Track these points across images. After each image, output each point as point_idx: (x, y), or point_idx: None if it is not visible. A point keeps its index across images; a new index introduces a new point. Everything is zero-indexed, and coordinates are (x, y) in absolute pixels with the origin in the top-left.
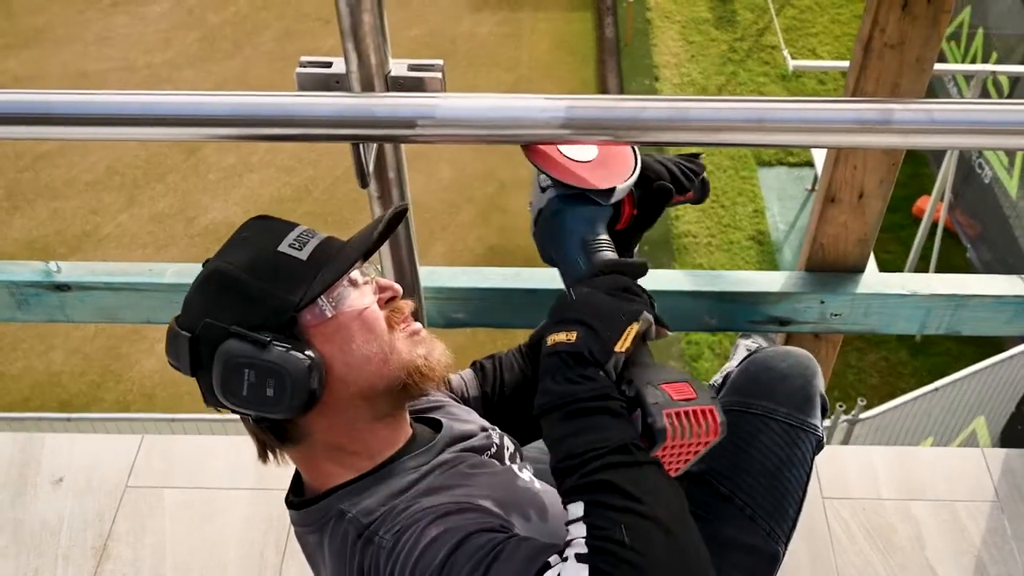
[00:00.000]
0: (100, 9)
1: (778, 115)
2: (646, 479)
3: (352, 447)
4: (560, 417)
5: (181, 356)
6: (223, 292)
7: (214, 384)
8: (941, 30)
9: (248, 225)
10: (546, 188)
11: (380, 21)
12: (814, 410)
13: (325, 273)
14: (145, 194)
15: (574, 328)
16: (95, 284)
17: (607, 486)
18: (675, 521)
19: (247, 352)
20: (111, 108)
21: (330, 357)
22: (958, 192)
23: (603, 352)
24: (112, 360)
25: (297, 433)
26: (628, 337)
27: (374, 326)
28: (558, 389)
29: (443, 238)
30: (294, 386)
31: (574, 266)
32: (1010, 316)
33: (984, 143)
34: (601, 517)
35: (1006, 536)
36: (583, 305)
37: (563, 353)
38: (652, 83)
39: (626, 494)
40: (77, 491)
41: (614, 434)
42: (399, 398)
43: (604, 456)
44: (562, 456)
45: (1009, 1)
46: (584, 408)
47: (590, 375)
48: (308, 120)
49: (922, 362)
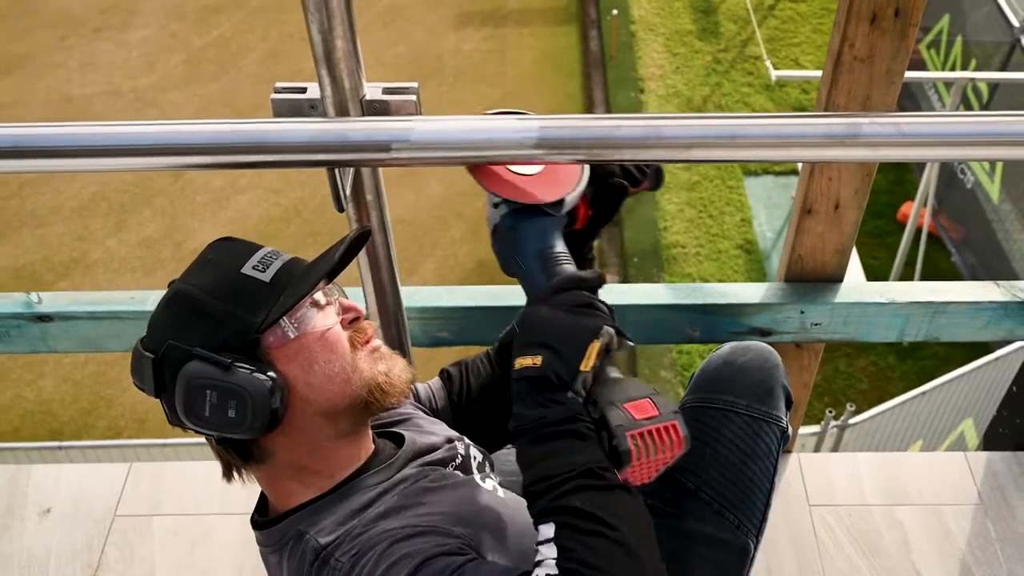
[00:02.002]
0: (82, 36)
1: (750, 131)
2: (614, 503)
3: (314, 466)
4: (530, 441)
5: (145, 377)
6: (186, 314)
7: (177, 405)
8: (909, 43)
9: (213, 247)
10: (498, 204)
11: (353, 46)
12: (776, 401)
13: (287, 295)
14: (132, 219)
15: (539, 352)
16: (77, 314)
17: (576, 511)
18: (641, 545)
19: (209, 374)
20: (86, 140)
21: (292, 378)
22: (941, 197)
23: (568, 373)
24: (103, 386)
25: (260, 453)
26: (591, 355)
27: (336, 346)
28: (528, 414)
29: (433, 255)
30: (255, 407)
31: (534, 280)
32: (986, 321)
33: (952, 155)
34: (571, 539)
35: (990, 539)
36: (545, 326)
37: (530, 378)
38: (637, 95)
39: (595, 518)
40: (65, 521)
41: (582, 457)
42: (361, 415)
43: (572, 479)
44: (533, 479)
45: (986, 9)
46: (552, 432)
47: (558, 399)
48: (283, 146)
49: (910, 366)
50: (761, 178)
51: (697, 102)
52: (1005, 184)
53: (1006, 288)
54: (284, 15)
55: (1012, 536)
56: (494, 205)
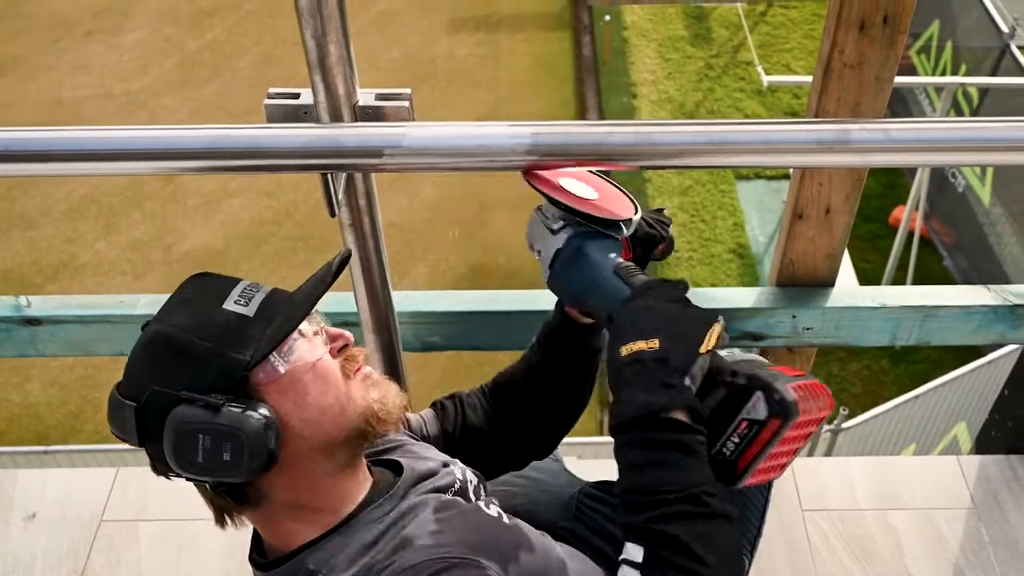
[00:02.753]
0: (75, 38)
1: (740, 137)
2: (714, 534)
3: (314, 503)
4: (636, 439)
5: (127, 427)
6: (168, 356)
7: (166, 453)
8: (898, 50)
9: (187, 285)
10: (559, 230)
11: (347, 52)
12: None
13: (275, 328)
14: (123, 222)
15: (654, 336)
16: (66, 318)
17: (673, 541)
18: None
19: (199, 417)
20: (83, 144)
21: (285, 413)
22: (933, 201)
23: (688, 356)
24: (90, 390)
25: (256, 495)
26: (711, 338)
27: (328, 377)
28: (638, 399)
29: (425, 259)
30: (252, 447)
31: (616, 292)
32: (977, 325)
33: (940, 160)
34: (659, 572)
35: (983, 542)
36: (656, 313)
37: (645, 360)
38: (630, 100)
39: (691, 554)
40: (51, 527)
41: (689, 476)
42: (357, 446)
43: (675, 503)
44: (630, 487)
45: (976, 14)
46: (661, 440)
47: (674, 383)
48: (277, 152)
49: (904, 370)
50: (753, 183)
51: (689, 107)
52: (996, 188)
53: (996, 292)
54: (278, 19)
55: (1005, 540)
56: (552, 232)
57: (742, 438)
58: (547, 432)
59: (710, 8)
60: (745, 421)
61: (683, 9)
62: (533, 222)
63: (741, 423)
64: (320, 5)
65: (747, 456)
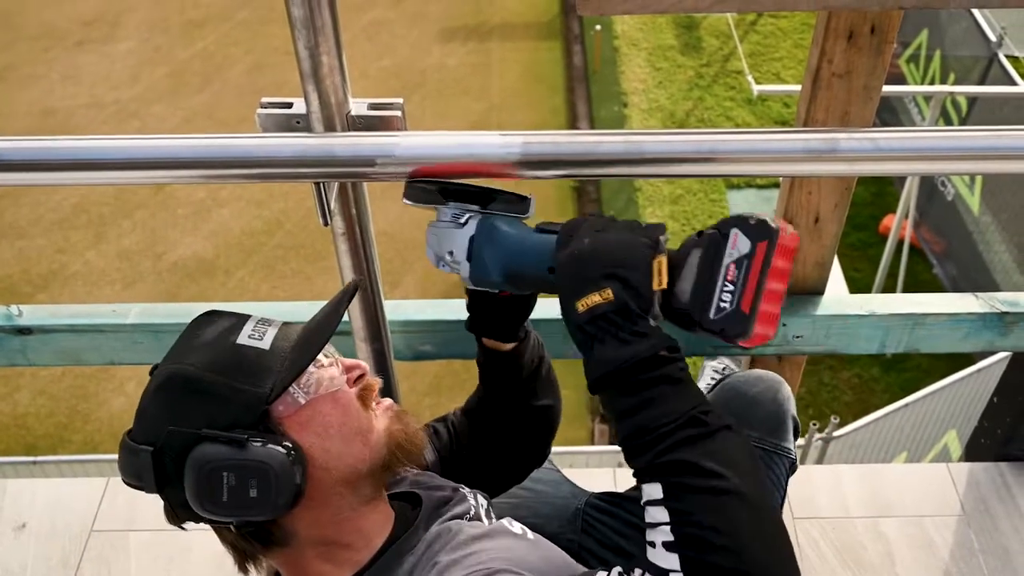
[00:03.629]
0: (65, 48)
1: (730, 146)
2: (722, 448)
3: (343, 539)
4: (620, 389)
5: (143, 473)
6: (185, 395)
7: (188, 496)
8: (886, 60)
9: (197, 323)
10: (465, 222)
11: (340, 62)
12: (787, 433)
13: (292, 359)
14: (112, 231)
15: (604, 284)
16: (57, 327)
17: (684, 466)
18: (755, 488)
19: (223, 455)
20: (74, 154)
21: (309, 446)
22: (923, 210)
23: (645, 298)
24: (79, 400)
25: (282, 534)
26: (661, 270)
27: (349, 408)
28: (612, 355)
29: (414, 268)
30: (279, 482)
31: (545, 245)
32: (966, 333)
33: (928, 169)
34: (682, 500)
35: (973, 549)
36: (596, 255)
37: (606, 315)
38: (621, 109)
39: (705, 471)
40: (41, 537)
41: (682, 403)
42: (381, 478)
43: (675, 432)
44: (630, 431)
45: (964, 24)
46: (647, 379)
47: (642, 330)
48: (269, 161)
49: (894, 378)
50: (744, 191)
51: (680, 116)
52: (985, 197)
53: (985, 300)
54: (268, 28)
55: (995, 547)
56: (460, 225)
57: (735, 281)
58: (527, 447)
59: (700, 17)
60: (732, 263)
61: (673, 18)
62: (435, 230)
63: (729, 268)
64: (313, 16)
65: (747, 295)
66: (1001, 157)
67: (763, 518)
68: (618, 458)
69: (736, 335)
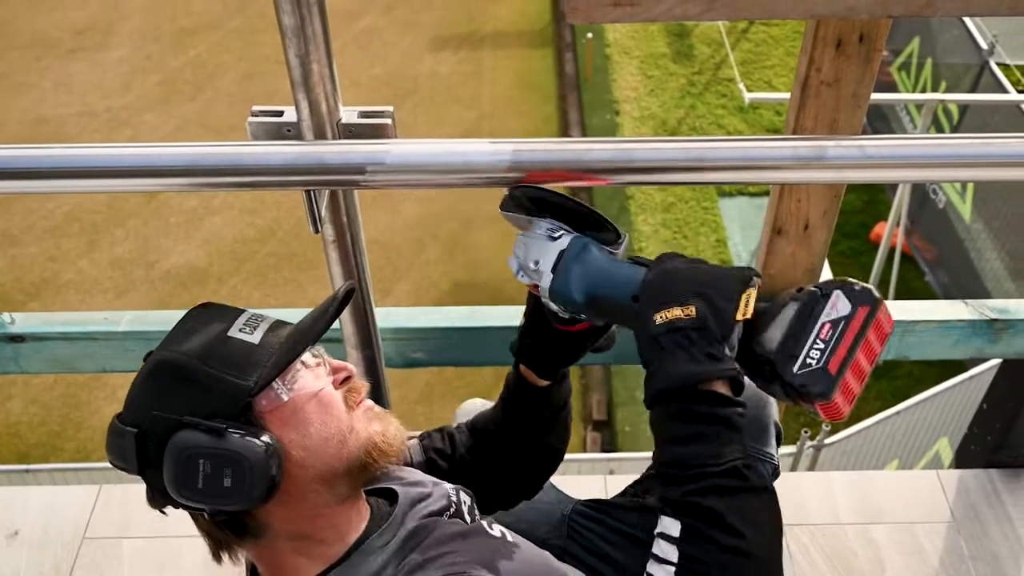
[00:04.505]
0: (57, 56)
1: (719, 154)
2: (753, 509)
3: (316, 534)
4: (679, 415)
5: (127, 455)
6: (172, 382)
7: (166, 480)
8: (874, 67)
9: (192, 314)
10: (558, 236)
11: (330, 70)
12: (769, 439)
13: (279, 355)
14: (105, 239)
15: (691, 302)
16: (50, 335)
17: (711, 515)
18: (770, 557)
19: (201, 442)
20: (65, 162)
21: (288, 442)
22: (914, 217)
23: (727, 324)
24: (71, 408)
25: (256, 526)
26: (748, 303)
27: (331, 408)
28: (682, 370)
29: (408, 276)
30: (253, 474)
31: (631, 273)
32: (955, 340)
33: (915, 176)
34: (698, 548)
35: (963, 556)
36: (690, 276)
37: (685, 328)
38: (613, 117)
39: (729, 528)
40: (33, 544)
41: (729, 451)
42: (358, 478)
43: (714, 477)
44: (672, 461)
45: (955, 32)
46: (706, 413)
47: (716, 353)
48: (260, 169)
49: (885, 385)
50: (736, 199)
51: (672, 124)
52: (976, 204)
53: (974, 307)
54: (260, 36)
55: (984, 554)
56: (553, 238)
57: (827, 342)
58: (525, 479)
59: (692, 25)
60: (828, 322)
61: (665, 26)
62: (525, 239)
63: (824, 327)
64: (304, 25)
65: (837, 355)
66: (988, 164)
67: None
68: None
69: (817, 394)
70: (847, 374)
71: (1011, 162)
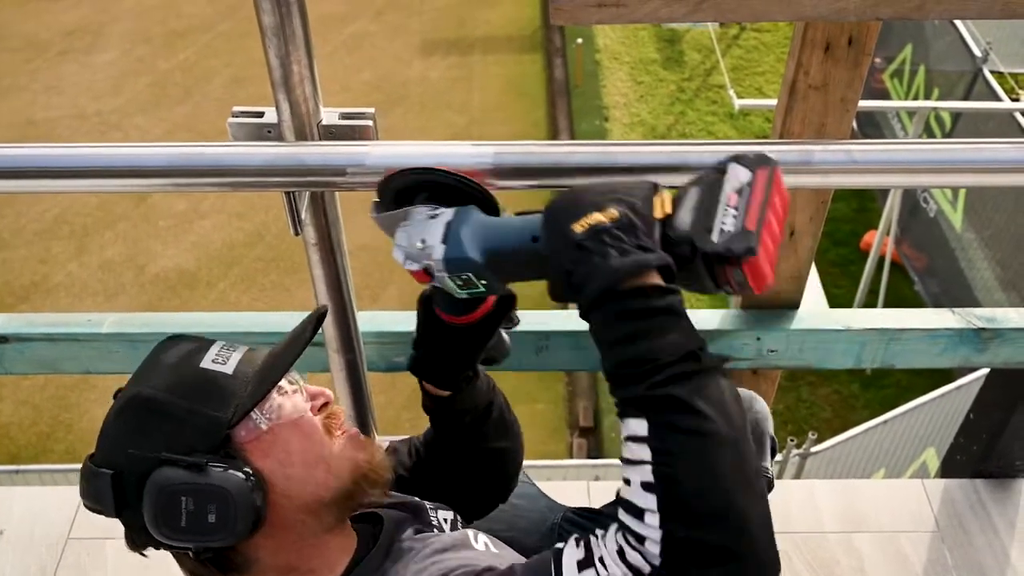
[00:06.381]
0: (47, 59)
1: (703, 158)
2: (713, 390)
3: (304, 565)
4: (619, 315)
5: (103, 497)
6: (146, 418)
7: (146, 520)
8: (862, 71)
9: (161, 347)
10: (438, 213)
11: (311, 71)
12: (764, 452)
13: (255, 384)
14: (95, 242)
15: (609, 206)
16: (33, 336)
17: (674, 403)
18: (739, 432)
19: (182, 478)
20: (43, 161)
21: (270, 472)
22: (904, 226)
23: (648, 223)
24: (61, 410)
25: (242, 561)
26: (664, 202)
27: (312, 435)
28: (613, 265)
29: (395, 281)
30: (238, 507)
31: (528, 222)
32: (942, 348)
33: (902, 182)
34: (668, 440)
35: (947, 566)
36: (598, 188)
37: (610, 229)
38: (602, 123)
39: (694, 411)
40: (18, 545)
41: (680, 338)
42: (345, 507)
43: (671, 366)
44: (622, 361)
45: (949, 39)
46: (647, 308)
47: (645, 244)
48: (239, 169)
49: (873, 394)
50: None
51: (661, 130)
52: (968, 213)
53: (961, 315)
54: (249, 40)
55: (968, 563)
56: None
57: (736, 207)
58: (487, 484)
59: (682, 31)
60: (732, 193)
61: (655, 32)
62: (406, 227)
63: (729, 196)
64: (284, 24)
65: (751, 213)
66: (979, 170)
67: (744, 463)
68: (595, 472)
69: (743, 251)
70: (763, 232)
71: (1002, 168)
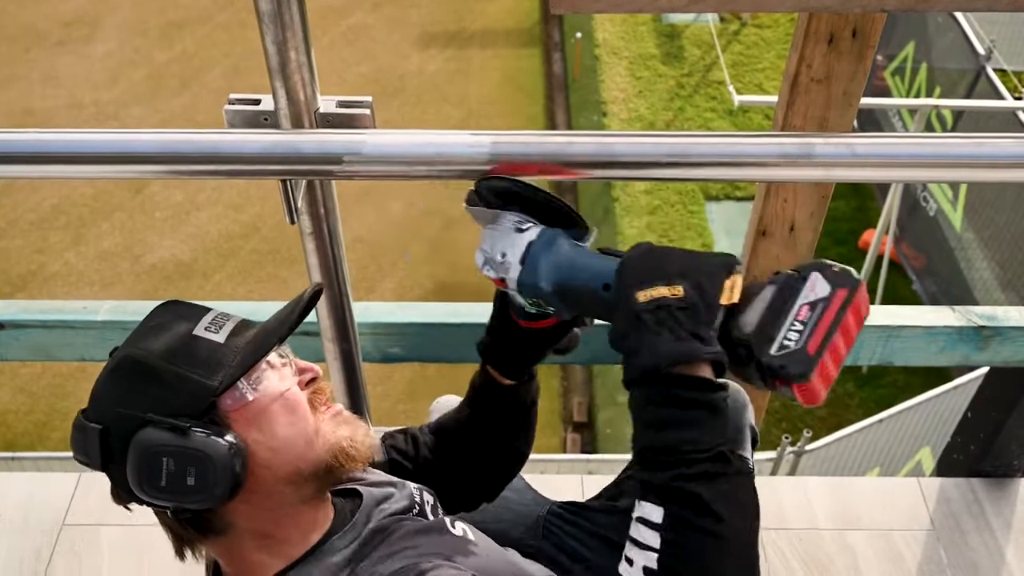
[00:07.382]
0: (46, 48)
1: (702, 149)
2: (734, 491)
3: (280, 533)
4: (660, 396)
5: (90, 450)
6: (136, 379)
7: (129, 477)
8: (866, 65)
9: (158, 311)
10: (526, 228)
11: (308, 58)
12: (744, 442)
13: (244, 354)
14: (91, 232)
15: (677, 282)
16: (29, 322)
17: (695, 501)
18: (748, 536)
19: (165, 440)
20: (39, 147)
21: (252, 442)
22: (903, 225)
23: (713, 307)
24: (58, 398)
25: (219, 524)
26: (733, 289)
27: (297, 408)
28: (666, 349)
29: (392, 274)
30: (216, 472)
31: (603, 263)
32: (941, 346)
33: (904, 176)
34: (682, 535)
35: (942, 565)
36: (671, 259)
37: (671, 307)
38: (600, 119)
39: (713, 513)
40: (13, 530)
41: (714, 436)
42: (324, 481)
43: (701, 463)
44: (653, 445)
45: (952, 36)
46: (690, 399)
47: (703, 334)
48: (235, 157)
49: (869, 393)
50: (722, 203)
51: (660, 126)
52: (967, 212)
53: (961, 313)
54: (247, 31)
55: (963, 562)
56: (521, 230)
57: (805, 323)
58: (488, 481)
59: (682, 26)
60: (805, 304)
61: (655, 27)
62: (492, 232)
63: (801, 308)
64: (281, 11)
65: (816, 337)
66: (980, 165)
67: (750, 570)
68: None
69: (796, 375)
70: (825, 356)
71: (1004, 163)
